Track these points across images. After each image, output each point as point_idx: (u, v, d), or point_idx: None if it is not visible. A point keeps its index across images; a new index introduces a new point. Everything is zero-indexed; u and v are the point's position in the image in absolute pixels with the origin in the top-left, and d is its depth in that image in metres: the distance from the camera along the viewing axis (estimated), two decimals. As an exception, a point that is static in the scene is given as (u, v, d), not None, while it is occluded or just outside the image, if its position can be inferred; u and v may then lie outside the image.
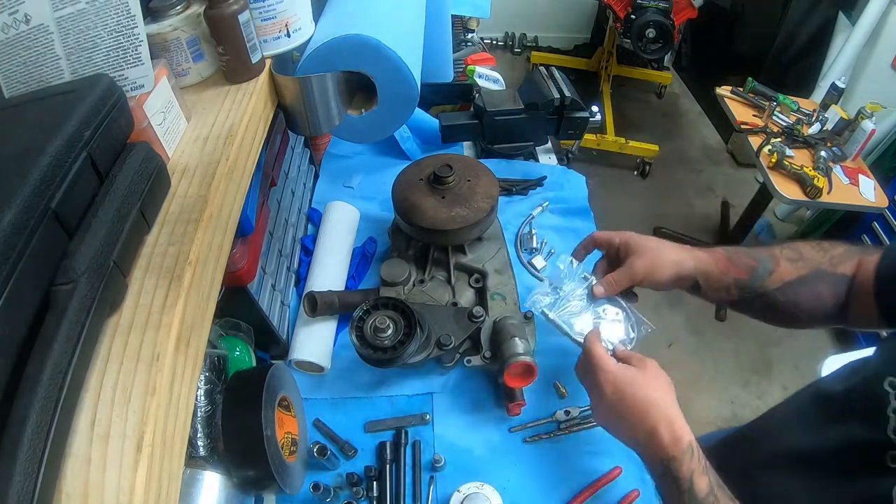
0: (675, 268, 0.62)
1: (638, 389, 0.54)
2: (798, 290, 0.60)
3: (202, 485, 0.55)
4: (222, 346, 0.68)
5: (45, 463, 0.27)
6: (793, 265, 0.60)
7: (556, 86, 1.02)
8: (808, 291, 0.60)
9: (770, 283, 0.60)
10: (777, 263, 0.61)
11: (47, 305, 0.31)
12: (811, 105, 1.89)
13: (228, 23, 0.50)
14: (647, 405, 0.53)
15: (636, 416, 0.53)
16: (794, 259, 0.61)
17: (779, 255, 0.61)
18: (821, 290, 0.60)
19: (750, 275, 0.61)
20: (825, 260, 0.60)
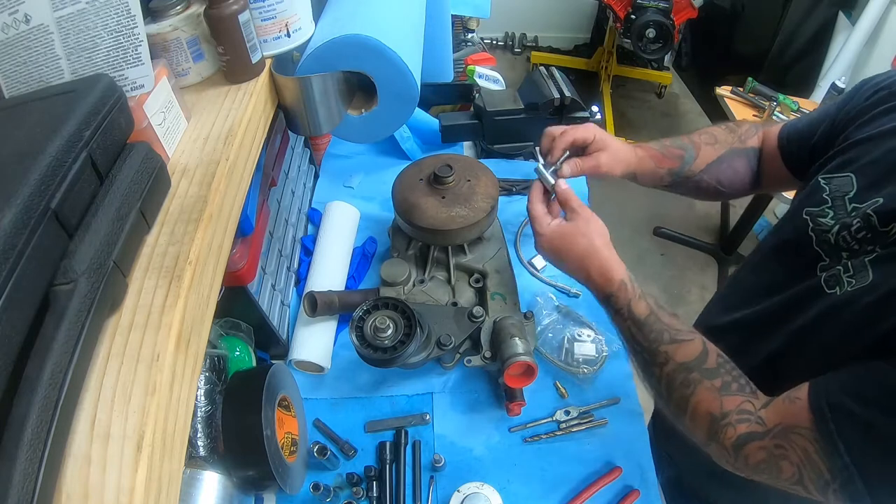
0: (625, 165, 0.70)
1: (571, 244, 0.61)
2: (718, 168, 0.70)
3: (202, 485, 0.55)
4: (222, 346, 0.68)
5: (45, 463, 0.27)
6: (711, 148, 0.70)
7: (556, 86, 1.02)
8: (727, 168, 0.70)
9: (695, 168, 0.70)
10: (698, 149, 0.70)
11: (47, 305, 0.31)
12: (811, 105, 1.88)
13: (228, 23, 0.50)
14: (580, 257, 0.60)
15: (573, 266, 0.62)
16: (710, 143, 0.71)
17: (699, 142, 0.71)
18: (737, 165, 0.70)
19: (679, 163, 0.70)
20: (735, 139, 0.71)
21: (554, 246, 0.63)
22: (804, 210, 0.56)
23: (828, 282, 0.52)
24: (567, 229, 0.62)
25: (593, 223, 0.62)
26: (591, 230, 0.61)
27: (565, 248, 0.62)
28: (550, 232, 0.63)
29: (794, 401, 0.46)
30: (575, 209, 0.63)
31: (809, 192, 0.57)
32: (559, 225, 0.63)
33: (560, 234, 0.62)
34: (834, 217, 0.53)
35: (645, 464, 0.70)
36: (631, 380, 0.78)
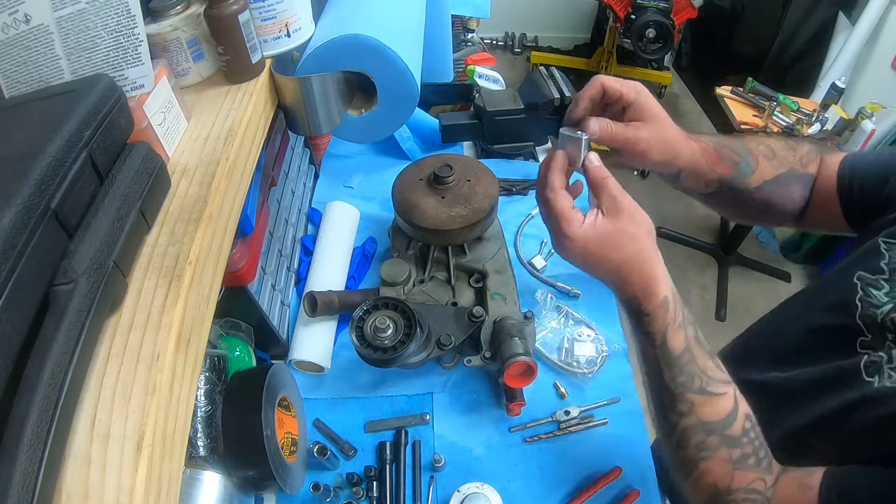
0: (672, 153, 0.55)
1: (615, 250, 0.47)
2: (773, 188, 0.59)
3: (202, 485, 0.55)
4: (222, 346, 0.68)
5: (45, 463, 0.27)
6: (769, 163, 0.59)
7: (556, 86, 1.02)
8: (782, 190, 0.59)
9: (751, 182, 0.59)
10: (756, 160, 0.59)
11: (47, 305, 0.31)
12: (811, 105, 1.89)
13: (228, 23, 0.50)
14: (622, 263, 0.48)
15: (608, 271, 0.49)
16: (769, 157, 0.60)
17: (756, 152, 0.60)
18: (794, 191, 0.60)
19: (733, 171, 0.58)
20: (796, 160, 0.61)
21: (590, 251, 0.48)
22: (856, 273, 0.50)
23: (867, 368, 0.46)
24: (609, 230, 0.47)
25: (639, 217, 0.48)
26: (641, 230, 0.47)
27: (605, 254, 0.48)
28: (585, 235, 0.47)
29: (805, 489, 0.42)
30: (616, 197, 0.48)
31: (865, 252, 0.50)
32: (597, 225, 0.48)
33: (600, 236, 0.47)
34: (889, 294, 0.47)
35: (645, 464, 0.70)
36: (631, 380, 0.78)
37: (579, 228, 0.48)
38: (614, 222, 0.48)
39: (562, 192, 0.50)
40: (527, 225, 0.97)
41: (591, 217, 0.48)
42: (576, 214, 0.49)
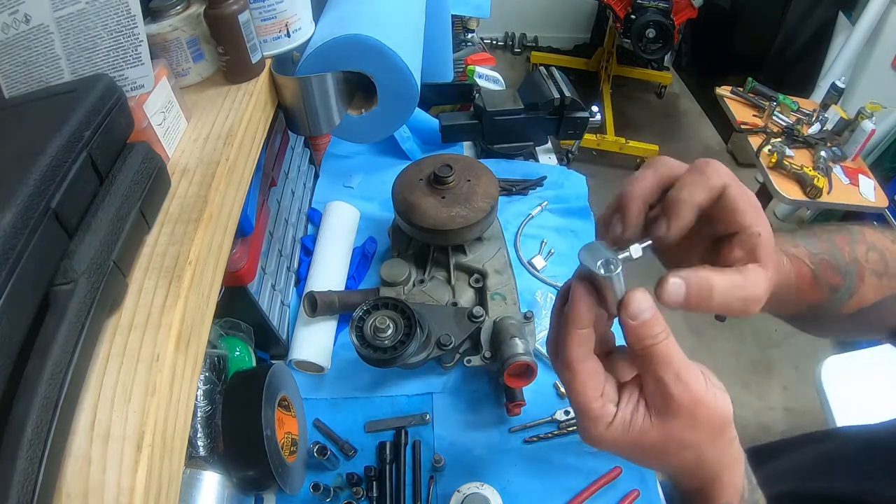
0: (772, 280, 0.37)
1: (653, 461, 0.36)
2: (870, 314, 0.45)
3: (202, 485, 0.55)
4: (222, 346, 0.68)
5: (45, 463, 0.27)
6: (876, 282, 0.44)
7: (556, 86, 1.02)
8: (882, 314, 0.46)
9: (849, 308, 0.44)
10: (861, 279, 0.44)
11: (47, 305, 0.31)
12: (811, 105, 1.89)
13: (228, 23, 0.50)
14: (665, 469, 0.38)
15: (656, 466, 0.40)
16: (879, 273, 0.44)
17: (863, 267, 0.44)
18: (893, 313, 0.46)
19: (830, 296, 0.44)
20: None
21: (624, 454, 0.36)
22: None
23: None
24: (652, 439, 0.33)
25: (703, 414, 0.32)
26: (702, 435, 0.33)
27: (645, 461, 0.37)
28: (617, 441, 0.34)
29: None
30: (669, 387, 0.32)
31: None
32: (636, 429, 0.33)
33: (637, 445, 0.34)
34: None
35: (645, 464, 0.70)
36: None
37: (607, 430, 0.34)
38: (663, 427, 0.33)
39: (583, 369, 0.34)
40: (527, 225, 0.97)
41: (627, 413, 0.34)
42: (604, 411, 0.34)
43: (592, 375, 0.34)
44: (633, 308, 0.32)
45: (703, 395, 0.32)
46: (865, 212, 1.72)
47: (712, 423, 0.33)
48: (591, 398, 0.34)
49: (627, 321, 0.32)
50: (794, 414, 1.74)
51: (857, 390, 1.13)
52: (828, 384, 1.14)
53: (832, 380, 1.14)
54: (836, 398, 1.12)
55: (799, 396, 1.78)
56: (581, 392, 0.34)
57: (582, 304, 0.34)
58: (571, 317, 0.34)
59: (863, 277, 0.44)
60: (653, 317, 0.32)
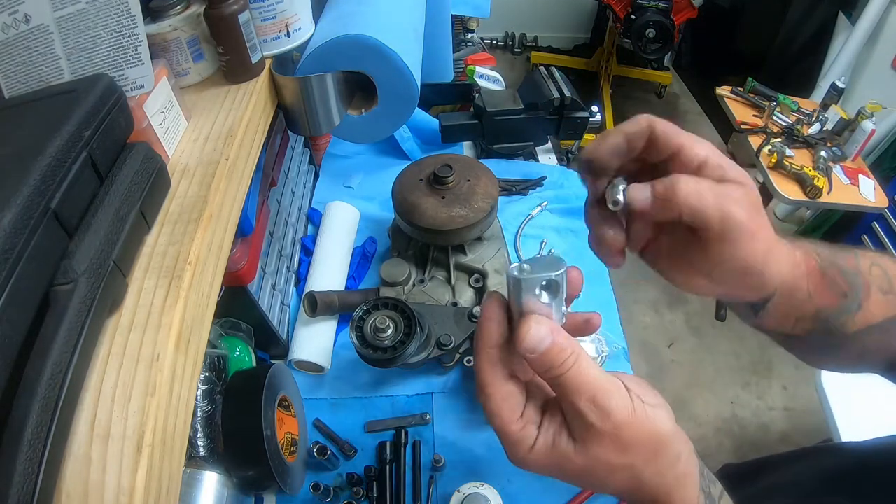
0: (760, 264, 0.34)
1: (584, 482, 0.33)
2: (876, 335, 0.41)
3: (202, 485, 0.55)
4: (222, 346, 0.68)
5: (45, 463, 0.27)
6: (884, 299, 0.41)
7: (556, 86, 1.02)
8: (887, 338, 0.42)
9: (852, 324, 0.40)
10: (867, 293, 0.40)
11: (47, 305, 0.31)
12: (811, 105, 1.89)
13: (228, 23, 0.50)
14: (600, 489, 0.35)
15: None
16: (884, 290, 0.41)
17: (869, 280, 0.40)
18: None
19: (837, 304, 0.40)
20: None
21: (553, 475, 0.33)
22: None
23: None
24: (576, 465, 0.31)
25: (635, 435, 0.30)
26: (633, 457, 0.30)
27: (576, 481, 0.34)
28: (539, 463, 0.32)
29: None
30: (583, 413, 0.30)
31: None
32: (558, 453, 0.31)
33: (561, 469, 0.32)
34: None
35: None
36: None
37: (529, 454, 0.32)
38: (586, 452, 0.30)
39: (497, 392, 0.32)
40: (527, 225, 0.97)
41: (549, 436, 0.31)
42: (523, 434, 0.32)
43: (508, 397, 0.32)
44: (527, 342, 0.30)
45: (627, 418, 0.29)
46: (865, 212, 1.72)
47: (642, 444, 0.30)
48: (508, 421, 0.32)
49: (526, 356, 0.30)
50: (794, 414, 1.74)
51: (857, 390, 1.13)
52: (828, 384, 1.13)
53: (832, 380, 1.14)
54: (835, 398, 1.11)
55: (799, 396, 1.78)
56: (497, 415, 0.32)
57: (491, 321, 0.32)
58: (480, 334, 0.32)
59: (868, 290, 0.41)
60: (552, 345, 0.30)
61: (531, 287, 0.30)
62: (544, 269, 0.30)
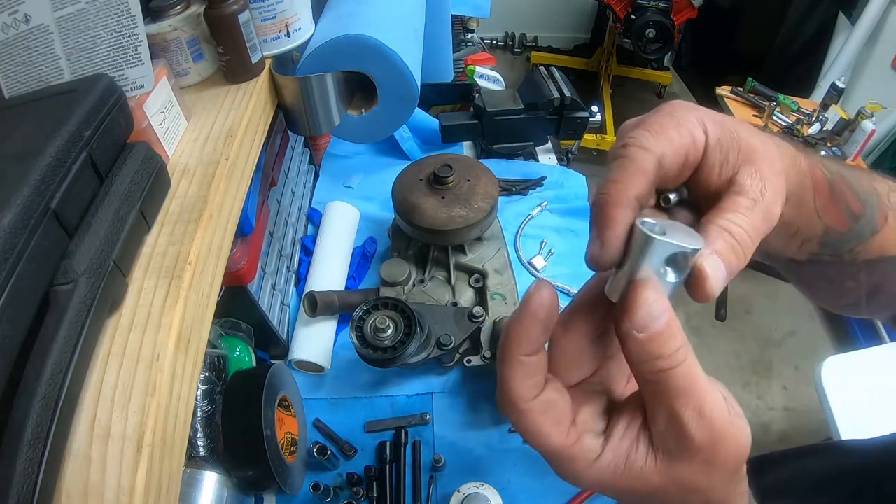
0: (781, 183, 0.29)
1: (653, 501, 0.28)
2: (891, 272, 0.37)
3: (202, 485, 0.55)
4: (222, 346, 0.68)
5: (45, 463, 0.27)
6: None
7: (556, 86, 1.02)
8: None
9: (865, 251, 0.36)
10: (884, 217, 0.36)
11: (47, 305, 0.31)
12: (811, 105, 1.89)
13: (228, 23, 0.50)
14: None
15: None
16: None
17: (887, 204, 0.36)
18: None
19: (851, 227, 0.35)
20: None
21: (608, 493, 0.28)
22: None
23: None
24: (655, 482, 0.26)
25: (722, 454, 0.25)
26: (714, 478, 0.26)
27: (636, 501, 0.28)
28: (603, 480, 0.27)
29: None
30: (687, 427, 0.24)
31: None
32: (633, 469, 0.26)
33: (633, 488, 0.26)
34: None
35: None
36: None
37: (590, 469, 0.26)
38: (670, 471, 0.25)
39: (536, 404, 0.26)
40: (527, 225, 0.97)
41: (622, 450, 0.26)
42: (579, 447, 0.26)
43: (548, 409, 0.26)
44: (640, 314, 0.24)
45: (726, 431, 0.24)
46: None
47: (730, 463, 0.25)
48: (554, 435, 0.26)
49: (632, 333, 0.24)
50: (794, 414, 1.74)
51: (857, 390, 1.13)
52: (828, 384, 1.13)
53: (832, 380, 1.14)
54: (835, 398, 1.11)
55: (799, 396, 1.78)
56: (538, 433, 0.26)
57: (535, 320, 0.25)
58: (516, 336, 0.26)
59: (885, 216, 0.36)
60: (667, 326, 0.24)
61: (661, 253, 0.24)
62: (680, 237, 0.24)
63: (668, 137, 0.27)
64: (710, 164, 0.28)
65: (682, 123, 0.28)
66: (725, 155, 0.28)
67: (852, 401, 1.11)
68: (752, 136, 0.29)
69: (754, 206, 0.27)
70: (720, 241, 0.25)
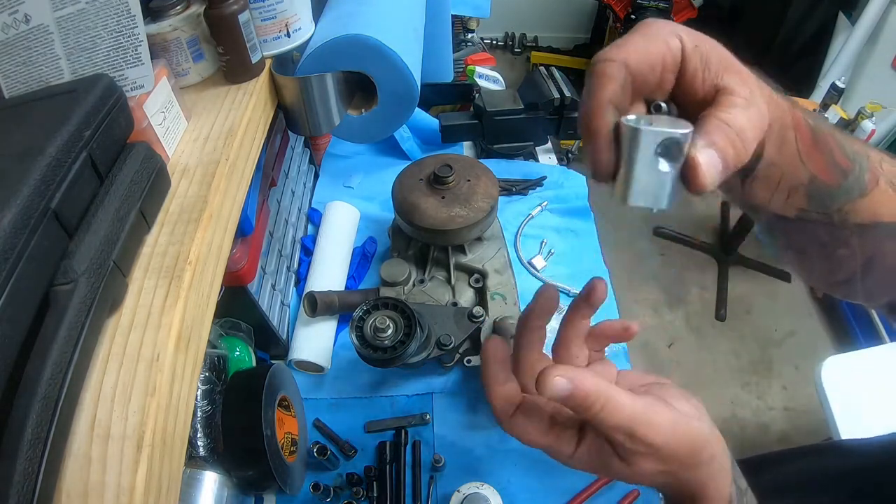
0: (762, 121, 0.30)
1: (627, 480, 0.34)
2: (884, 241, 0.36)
3: (202, 485, 0.55)
4: (222, 346, 0.68)
5: (45, 463, 0.27)
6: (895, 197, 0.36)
7: (556, 86, 1.02)
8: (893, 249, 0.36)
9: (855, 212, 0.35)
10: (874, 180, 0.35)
11: (47, 305, 0.31)
12: (811, 105, 1.89)
13: (228, 23, 0.50)
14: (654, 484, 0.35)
15: None
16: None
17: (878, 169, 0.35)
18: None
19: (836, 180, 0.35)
20: None
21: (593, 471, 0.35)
22: None
23: None
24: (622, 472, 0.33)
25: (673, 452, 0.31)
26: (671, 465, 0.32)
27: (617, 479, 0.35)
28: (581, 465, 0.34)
29: None
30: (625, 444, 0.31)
31: None
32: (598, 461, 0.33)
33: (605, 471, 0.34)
34: None
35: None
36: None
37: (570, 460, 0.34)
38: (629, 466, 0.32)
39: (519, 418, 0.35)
40: (527, 225, 0.97)
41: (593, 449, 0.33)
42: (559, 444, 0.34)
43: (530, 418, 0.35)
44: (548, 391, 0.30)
45: (666, 439, 0.30)
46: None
47: (681, 453, 0.31)
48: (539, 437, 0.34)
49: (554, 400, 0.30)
50: (794, 414, 1.74)
51: (857, 390, 1.13)
52: (828, 384, 1.13)
53: (832, 380, 1.14)
54: (835, 398, 1.11)
55: (799, 396, 1.78)
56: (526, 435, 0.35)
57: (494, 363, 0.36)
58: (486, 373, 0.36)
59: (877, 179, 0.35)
60: (573, 393, 0.29)
61: (650, 143, 0.26)
62: (668, 126, 0.26)
63: (634, 45, 0.28)
64: (693, 69, 0.29)
65: (653, 35, 0.29)
66: (706, 61, 0.29)
67: (852, 401, 1.11)
68: (730, 54, 0.31)
69: (748, 105, 0.28)
70: (717, 132, 0.27)
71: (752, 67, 0.33)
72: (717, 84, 0.29)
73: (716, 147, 0.26)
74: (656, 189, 0.27)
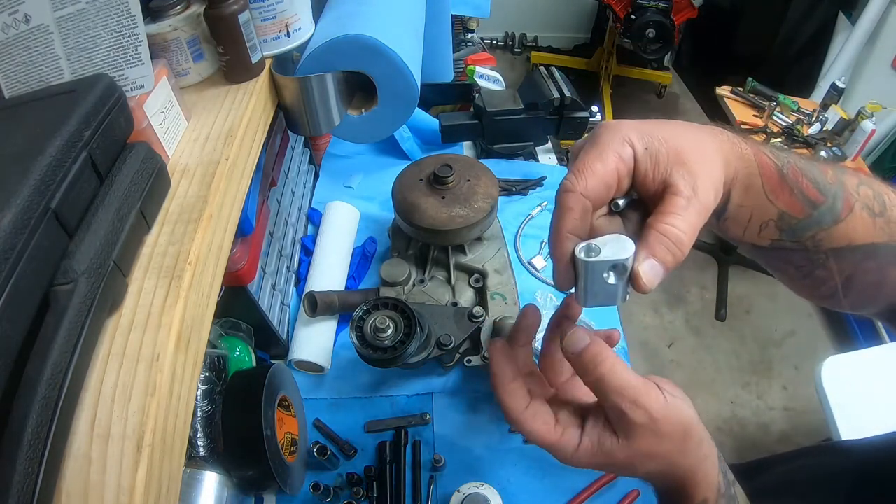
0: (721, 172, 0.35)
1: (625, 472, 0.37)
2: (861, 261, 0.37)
3: (202, 485, 0.55)
4: (222, 346, 0.68)
5: (45, 463, 0.27)
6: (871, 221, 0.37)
7: (556, 86, 1.02)
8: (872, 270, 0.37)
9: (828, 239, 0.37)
10: (849, 208, 0.37)
11: (47, 305, 0.31)
12: (811, 105, 1.89)
13: (228, 23, 0.50)
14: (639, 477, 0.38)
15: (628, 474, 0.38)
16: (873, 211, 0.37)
17: (853, 197, 0.37)
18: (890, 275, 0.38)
19: (809, 213, 0.36)
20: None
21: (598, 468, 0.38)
22: None
23: None
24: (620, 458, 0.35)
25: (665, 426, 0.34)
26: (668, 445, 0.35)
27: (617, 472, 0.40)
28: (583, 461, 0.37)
29: None
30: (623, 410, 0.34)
31: None
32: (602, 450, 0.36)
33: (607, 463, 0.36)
34: None
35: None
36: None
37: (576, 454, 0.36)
38: (629, 447, 0.35)
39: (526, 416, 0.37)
40: (527, 225, 0.98)
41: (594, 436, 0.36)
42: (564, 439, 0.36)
43: (537, 415, 0.38)
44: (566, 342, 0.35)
45: (664, 413, 0.34)
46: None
47: (676, 434, 0.35)
48: (547, 433, 0.37)
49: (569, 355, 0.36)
50: (794, 414, 1.74)
51: (856, 390, 1.13)
52: (827, 384, 1.13)
53: (832, 380, 1.14)
54: (835, 398, 1.11)
55: (799, 396, 1.78)
56: (534, 432, 0.37)
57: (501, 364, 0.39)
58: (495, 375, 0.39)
59: (851, 206, 0.37)
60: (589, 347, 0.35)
61: (599, 269, 0.32)
62: (613, 251, 0.32)
63: (592, 170, 0.33)
64: (643, 171, 0.34)
65: (605, 149, 0.33)
66: (655, 161, 0.33)
67: (852, 401, 1.11)
68: (683, 136, 0.34)
69: (688, 203, 0.33)
70: (657, 244, 0.32)
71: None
72: (666, 180, 0.33)
73: (656, 258, 0.32)
74: (608, 295, 0.33)
